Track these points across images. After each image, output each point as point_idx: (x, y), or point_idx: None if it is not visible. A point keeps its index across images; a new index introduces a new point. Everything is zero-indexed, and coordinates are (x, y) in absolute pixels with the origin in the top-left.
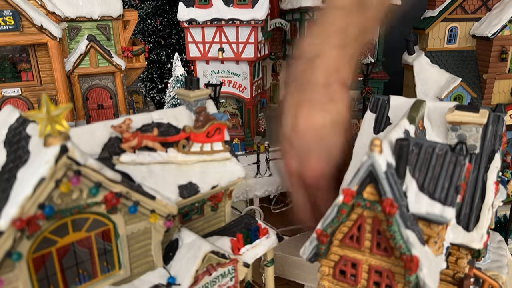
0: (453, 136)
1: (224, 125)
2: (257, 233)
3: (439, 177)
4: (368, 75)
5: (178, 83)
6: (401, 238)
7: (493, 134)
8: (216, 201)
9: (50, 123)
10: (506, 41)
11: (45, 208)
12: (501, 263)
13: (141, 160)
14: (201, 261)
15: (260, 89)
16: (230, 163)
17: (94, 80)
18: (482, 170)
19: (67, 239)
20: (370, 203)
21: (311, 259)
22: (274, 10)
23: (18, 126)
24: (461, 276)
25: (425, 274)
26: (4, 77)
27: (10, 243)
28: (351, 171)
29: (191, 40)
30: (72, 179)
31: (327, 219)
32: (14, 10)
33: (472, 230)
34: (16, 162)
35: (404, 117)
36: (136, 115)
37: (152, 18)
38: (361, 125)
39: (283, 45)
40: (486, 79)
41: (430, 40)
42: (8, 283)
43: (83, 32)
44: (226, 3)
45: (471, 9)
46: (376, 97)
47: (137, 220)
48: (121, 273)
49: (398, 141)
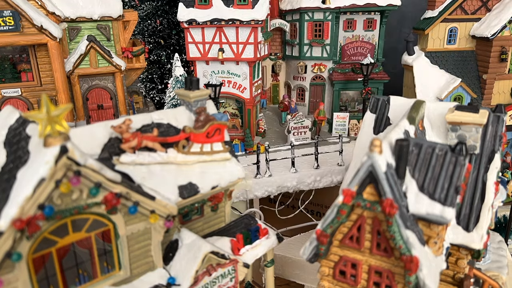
0: (453, 137)
1: (224, 126)
2: (257, 233)
3: (439, 177)
4: (368, 75)
5: (178, 83)
6: (401, 238)
7: (493, 134)
8: (216, 202)
9: (50, 124)
10: (506, 42)
11: (45, 209)
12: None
13: (141, 161)
14: (201, 262)
15: (260, 90)
16: (230, 164)
17: (94, 80)
18: (482, 170)
19: (67, 239)
20: (370, 203)
21: (311, 260)
22: (274, 10)
23: (18, 126)
24: (461, 277)
25: (425, 275)
26: (4, 77)
27: (10, 244)
28: (351, 171)
29: (191, 40)
30: (72, 180)
31: (327, 220)
32: (14, 10)
33: (472, 230)
34: (16, 163)
35: (404, 118)
36: (136, 116)
37: (152, 19)
38: (361, 125)
39: (283, 45)
40: (486, 79)
41: (430, 40)
42: (8, 284)
43: (83, 32)
44: (226, 4)
45: (471, 10)
46: (376, 98)
47: (137, 220)
48: (121, 274)
49: (398, 141)
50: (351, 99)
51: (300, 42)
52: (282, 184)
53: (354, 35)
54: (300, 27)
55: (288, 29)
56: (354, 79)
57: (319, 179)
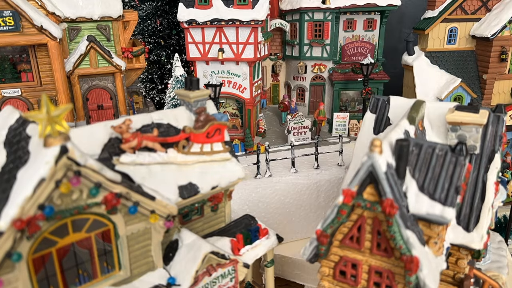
0: (453, 137)
1: (224, 126)
2: (257, 233)
3: (439, 177)
4: (368, 75)
5: (178, 83)
6: (401, 238)
7: (493, 134)
8: (216, 202)
9: (50, 124)
10: (506, 42)
11: (45, 209)
12: (501, 264)
13: (141, 161)
14: (201, 262)
15: (260, 90)
16: (230, 164)
17: (94, 80)
18: (482, 170)
19: (67, 239)
20: (370, 203)
21: (311, 260)
22: (274, 10)
23: (18, 126)
24: (461, 277)
25: (425, 275)
26: (4, 77)
27: (10, 244)
28: (351, 171)
29: (191, 40)
30: (72, 180)
31: (327, 220)
32: (14, 10)
33: (472, 230)
34: (16, 163)
35: (404, 118)
36: (136, 116)
37: (152, 19)
38: (361, 125)
39: (283, 45)
40: (486, 79)
41: (430, 40)
42: (8, 284)
43: (83, 32)
44: (226, 4)
45: (471, 10)
46: (376, 98)
47: (137, 220)
48: (121, 274)
49: (398, 141)
50: (351, 99)
51: (300, 42)
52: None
53: (354, 35)
54: (300, 27)
55: (288, 29)
56: (354, 79)
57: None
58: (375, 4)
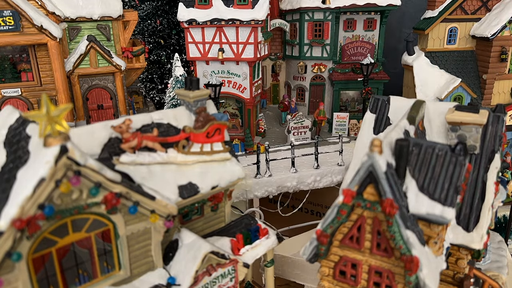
0: (453, 137)
1: (224, 126)
2: (257, 233)
3: (439, 177)
4: (368, 75)
5: (178, 83)
6: (401, 238)
7: (493, 134)
8: (216, 202)
9: (50, 124)
10: (506, 42)
11: (45, 209)
12: (501, 264)
13: (141, 161)
14: (201, 262)
15: (260, 90)
16: (230, 164)
17: (94, 80)
18: (482, 170)
19: (67, 239)
20: (370, 203)
21: (311, 260)
22: (274, 10)
23: (18, 126)
24: (461, 277)
25: (425, 275)
26: (4, 77)
27: (10, 244)
28: (351, 171)
29: (191, 40)
30: (72, 180)
31: (327, 220)
32: (14, 10)
33: (472, 230)
34: (16, 163)
35: (404, 118)
36: (136, 116)
37: (152, 19)
38: (361, 125)
39: (283, 45)
40: (486, 79)
41: (430, 40)
42: (8, 284)
43: (83, 32)
44: (226, 4)
45: (471, 10)
46: (376, 98)
47: (137, 220)
48: (121, 274)
49: (398, 141)
50: (351, 99)
51: (300, 42)
52: (282, 184)
53: (354, 35)
54: (300, 27)
55: (288, 29)
56: (354, 79)
57: (319, 179)
58: (375, 4)
